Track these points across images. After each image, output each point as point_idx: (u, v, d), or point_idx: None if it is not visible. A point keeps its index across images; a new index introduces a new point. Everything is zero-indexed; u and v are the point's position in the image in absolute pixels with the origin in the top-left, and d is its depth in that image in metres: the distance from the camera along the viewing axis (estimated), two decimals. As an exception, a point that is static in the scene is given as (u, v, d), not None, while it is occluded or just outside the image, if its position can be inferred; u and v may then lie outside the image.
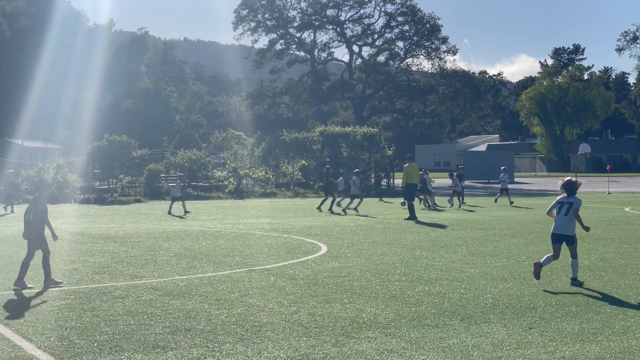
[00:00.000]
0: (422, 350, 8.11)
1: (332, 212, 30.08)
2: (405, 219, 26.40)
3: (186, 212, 30.37)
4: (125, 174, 49.43)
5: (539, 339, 8.60)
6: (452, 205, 33.94)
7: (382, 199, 42.83)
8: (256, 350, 8.12)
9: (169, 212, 30.45)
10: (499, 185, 37.70)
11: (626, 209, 32.23)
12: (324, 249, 17.41)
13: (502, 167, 38.89)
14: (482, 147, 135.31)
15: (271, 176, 50.84)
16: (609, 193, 48.17)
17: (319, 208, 31.69)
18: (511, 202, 35.69)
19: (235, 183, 47.46)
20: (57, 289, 11.88)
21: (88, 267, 14.39)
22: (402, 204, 31.11)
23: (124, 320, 9.54)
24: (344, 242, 18.86)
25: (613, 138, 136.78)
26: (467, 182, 42.88)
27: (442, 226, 23.96)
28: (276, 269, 14.13)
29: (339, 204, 31.77)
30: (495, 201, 36.99)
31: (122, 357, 7.84)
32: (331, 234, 21.37)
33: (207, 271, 13.82)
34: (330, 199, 31.76)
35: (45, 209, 12.41)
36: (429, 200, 33.52)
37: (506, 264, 14.77)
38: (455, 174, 36.08)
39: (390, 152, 54.68)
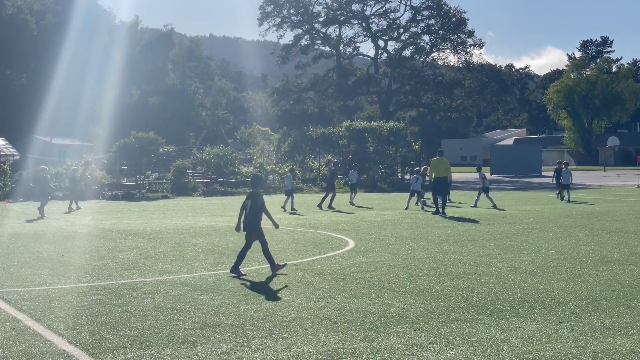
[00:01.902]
0: (451, 344, 8.08)
1: (333, 209, 29.65)
2: (432, 214, 26.34)
3: (289, 208, 29.30)
4: (152, 171, 49.72)
5: (569, 333, 8.55)
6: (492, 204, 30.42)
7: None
8: (285, 345, 8.13)
9: (285, 208, 29.59)
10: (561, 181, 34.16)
11: (569, 199, 31.95)
12: (352, 244, 17.41)
13: (557, 161, 36.29)
14: (509, 141, 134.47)
15: (297, 171, 50.88)
16: (638, 186, 47.70)
17: (319, 206, 30.89)
18: (562, 198, 33.62)
19: (261, 179, 47.50)
20: (86, 285, 11.97)
21: (117, 262, 14.49)
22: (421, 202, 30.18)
23: (153, 315, 9.60)
24: (371, 237, 18.84)
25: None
26: (493, 177, 41.74)
27: (470, 220, 23.86)
28: (304, 264, 14.15)
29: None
30: (561, 199, 33.93)
31: (152, 352, 7.89)
32: (358, 229, 21.36)
33: (235, 266, 13.85)
34: (330, 196, 31.06)
35: (263, 202, 13.34)
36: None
37: (535, 258, 14.68)
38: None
39: (416, 146, 54.50)
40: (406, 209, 29.25)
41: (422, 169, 32.17)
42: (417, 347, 8.01)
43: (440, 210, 26.64)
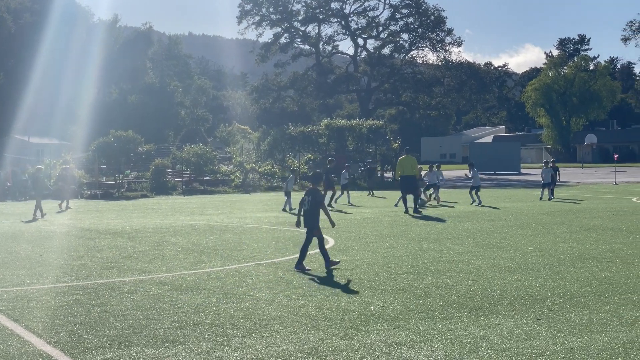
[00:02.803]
0: (430, 342, 8.11)
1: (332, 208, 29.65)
2: (404, 212, 26.13)
3: (287, 209, 28.54)
4: (131, 169, 49.52)
5: (548, 330, 8.61)
6: (474, 201, 30.48)
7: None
8: (265, 343, 8.13)
9: (285, 209, 28.56)
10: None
11: (633, 199, 32.17)
12: (331, 242, 17.42)
13: (544, 161, 35.47)
14: (488, 139, 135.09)
15: (277, 170, 50.87)
16: (616, 183, 48.08)
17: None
18: (549, 199, 32.33)
19: (241, 177, 47.50)
20: (65, 285, 11.90)
21: (96, 262, 14.42)
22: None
23: (132, 315, 9.57)
24: (351, 235, 18.87)
25: (619, 128, 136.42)
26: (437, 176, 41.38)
27: (449, 219, 23.94)
28: (284, 262, 14.15)
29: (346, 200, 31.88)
30: (547, 199, 32.53)
31: (132, 351, 7.86)
32: (338, 227, 21.36)
33: (215, 265, 13.84)
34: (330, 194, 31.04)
35: (323, 198, 13.62)
36: (431, 196, 31.94)
37: (513, 255, 14.76)
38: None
39: (396, 144, 54.63)
40: (395, 205, 29.36)
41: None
42: (397, 344, 8.03)
43: (413, 207, 26.21)
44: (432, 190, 32.02)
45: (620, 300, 10.20)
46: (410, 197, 26.80)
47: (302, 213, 13.70)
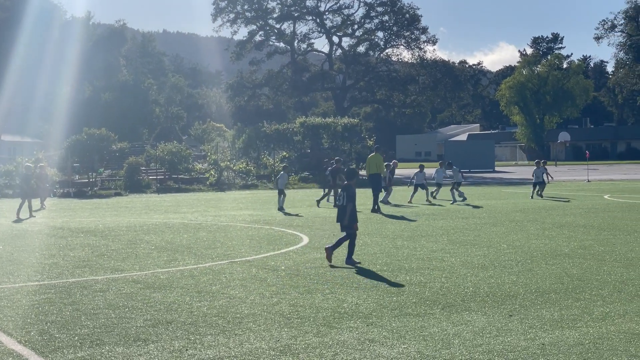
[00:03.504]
0: (403, 339, 8.14)
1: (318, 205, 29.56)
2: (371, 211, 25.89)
3: (283, 207, 27.91)
4: (105, 168, 49.21)
5: (519, 326, 8.66)
6: (456, 200, 30.44)
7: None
8: (238, 341, 8.11)
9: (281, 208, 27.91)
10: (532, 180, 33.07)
11: (605, 197, 32.46)
12: (306, 240, 17.42)
13: (536, 161, 35.18)
14: (463, 137, 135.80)
15: (252, 168, 50.80)
16: (588, 181, 48.49)
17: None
18: (540, 196, 32.05)
19: (216, 175, 47.36)
20: (36, 283, 11.80)
21: (68, 261, 14.31)
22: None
23: (104, 313, 9.51)
24: (325, 233, 18.87)
25: (592, 126, 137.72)
26: (447, 172, 42.05)
27: (424, 216, 24.03)
28: (258, 260, 14.12)
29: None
30: (532, 196, 32.31)
31: (103, 350, 7.81)
32: (312, 225, 21.39)
33: (189, 264, 13.79)
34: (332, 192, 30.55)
35: (355, 194, 13.76)
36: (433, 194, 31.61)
37: (487, 252, 14.84)
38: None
39: (371, 142, 54.72)
40: (409, 201, 30.05)
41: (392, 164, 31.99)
42: (370, 341, 8.05)
43: (372, 207, 26.07)
44: (434, 189, 32.10)
45: (591, 297, 10.28)
46: (378, 195, 26.84)
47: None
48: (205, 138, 79.05)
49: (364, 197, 28.03)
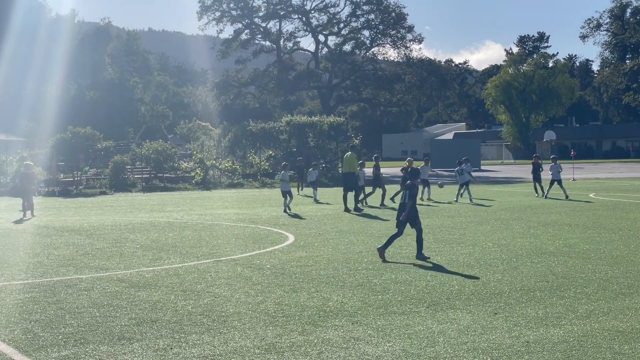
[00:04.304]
0: (388, 337, 8.14)
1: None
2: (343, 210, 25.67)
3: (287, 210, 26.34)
4: (90, 166, 49.01)
5: (504, 324, 8.68)
6: (456, 200, 30.38)
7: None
8: (222, 340, 8.10)
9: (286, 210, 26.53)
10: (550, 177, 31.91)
11: (591, 195, 32.60)
12: (291, 238, 17.41)
13: (552, 156, 33.79)
14: (449, 136, 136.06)
15: (238, 167, 50.72)
16: (574, 179, 48.69)
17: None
18: (567, 197, 30.65)
19: (201, 174, 47.26)
20: (20, 282, 11.75)
21: (53, 259, 14.25)
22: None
23: (89, 312, 9.47)
24: (311, 232, 18.87)
25: (577, 125, 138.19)
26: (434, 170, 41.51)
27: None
28: (243, 259, 14.10)
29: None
30: (545, 196, 31.36)
31: (87, 349, 7.77)
32: (298, 223, 21.38)
33: (174, 262, 13.76)
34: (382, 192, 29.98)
35: (416, 193, 14.22)
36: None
37: (472, 250, 14.87)
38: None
39: (357, 141, 54.72)
40: (429, 198, 30.55)
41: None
42: (355, 340, 8.05)
43: (354, 205, 25.88)
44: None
45: (575, 295, 10.33)
46: (350, 195, 26.58)
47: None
48: (191, 137, 78.70)
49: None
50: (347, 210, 25.61)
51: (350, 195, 26.65)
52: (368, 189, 29.38)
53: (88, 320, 9.03)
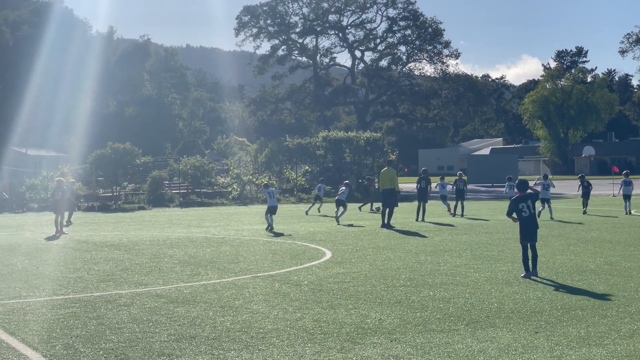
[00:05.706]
0: (427, 355, 8.08)
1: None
2: (380, 226, 25.51)
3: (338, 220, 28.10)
4: (128, 182, 49.46)
5: (545, 343, 8.57)
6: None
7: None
8: (261, 357, 8.10)
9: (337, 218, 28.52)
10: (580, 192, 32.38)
11: (632, 211, 32.14)
12: (328, 254, 17.39)
13: (625, 172, 34.09)
14: (486, 151, 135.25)
15: (275, 182, 50.84)
16: (614, 195, 48.07)
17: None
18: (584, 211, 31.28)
19: (238, 189, 47.47)
20: (61, 297, 11.86)
21: (93, 275, 14.37)
22: (376, 209, 30.40)
23: (129, 328, 9.53)
24: (348, 248, 18.83)
25: (617, 140, 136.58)
26: (470, 186, 41.09)
27: (447, 231, 23.92)
28: (280, 275, 14.11)
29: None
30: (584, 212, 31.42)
31: (127, 365, 7.82)
32: (335, 239, 21.35)
33: (212, 278, 13.80)
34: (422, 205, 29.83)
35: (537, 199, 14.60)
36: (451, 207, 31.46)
37: (511, 268, 14.73)
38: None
39: (393, 156, 54.58)
40: (453, 214, 30.73)
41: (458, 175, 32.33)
42: (394, 358, 8.00)
43: (386, 221, 25.60)
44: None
45: (618, 313, 10.17)
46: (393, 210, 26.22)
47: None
48: (228, 152, 79.13)
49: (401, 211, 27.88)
50: (385, 226, 25.48)
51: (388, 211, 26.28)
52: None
53: (128, 336, 9.08)
